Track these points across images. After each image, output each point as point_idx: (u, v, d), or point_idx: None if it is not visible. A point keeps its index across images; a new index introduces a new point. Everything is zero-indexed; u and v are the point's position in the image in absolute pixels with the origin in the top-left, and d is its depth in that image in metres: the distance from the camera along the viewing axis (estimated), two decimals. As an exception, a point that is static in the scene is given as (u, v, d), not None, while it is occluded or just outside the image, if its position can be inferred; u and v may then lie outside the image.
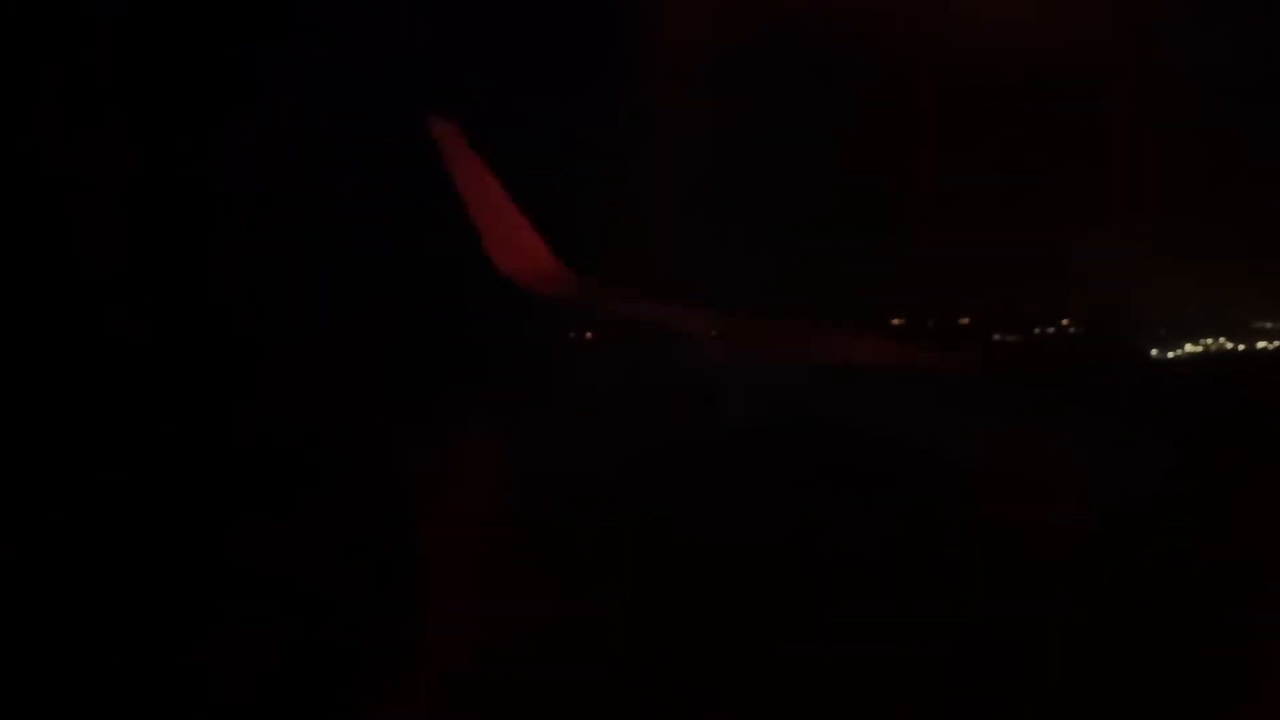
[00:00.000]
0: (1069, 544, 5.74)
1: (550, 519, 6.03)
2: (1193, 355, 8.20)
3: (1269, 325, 7.53)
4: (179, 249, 5.85)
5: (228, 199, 5.99)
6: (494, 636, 5.66)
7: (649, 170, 7.11)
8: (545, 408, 6.60)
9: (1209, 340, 8.06)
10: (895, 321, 7.76)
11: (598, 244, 7.11)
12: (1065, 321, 7.70)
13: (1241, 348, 8.08)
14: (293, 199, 6.32)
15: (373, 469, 6.11)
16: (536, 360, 7.13)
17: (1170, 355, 8.24)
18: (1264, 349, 8.02)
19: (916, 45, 7.37)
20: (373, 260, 6.88)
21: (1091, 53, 6.94)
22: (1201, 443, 6.36)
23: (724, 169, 7.24)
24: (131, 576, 5.48)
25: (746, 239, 7.60)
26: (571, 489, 6.18)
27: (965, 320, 7.76)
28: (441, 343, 7.03)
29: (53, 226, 5.57)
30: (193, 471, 5.72)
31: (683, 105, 7.08)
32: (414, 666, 5.57)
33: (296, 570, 5.72)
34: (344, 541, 5.92)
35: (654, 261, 7.16)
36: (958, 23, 7.16)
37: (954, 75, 7.30)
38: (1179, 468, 6.11)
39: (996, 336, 8.12)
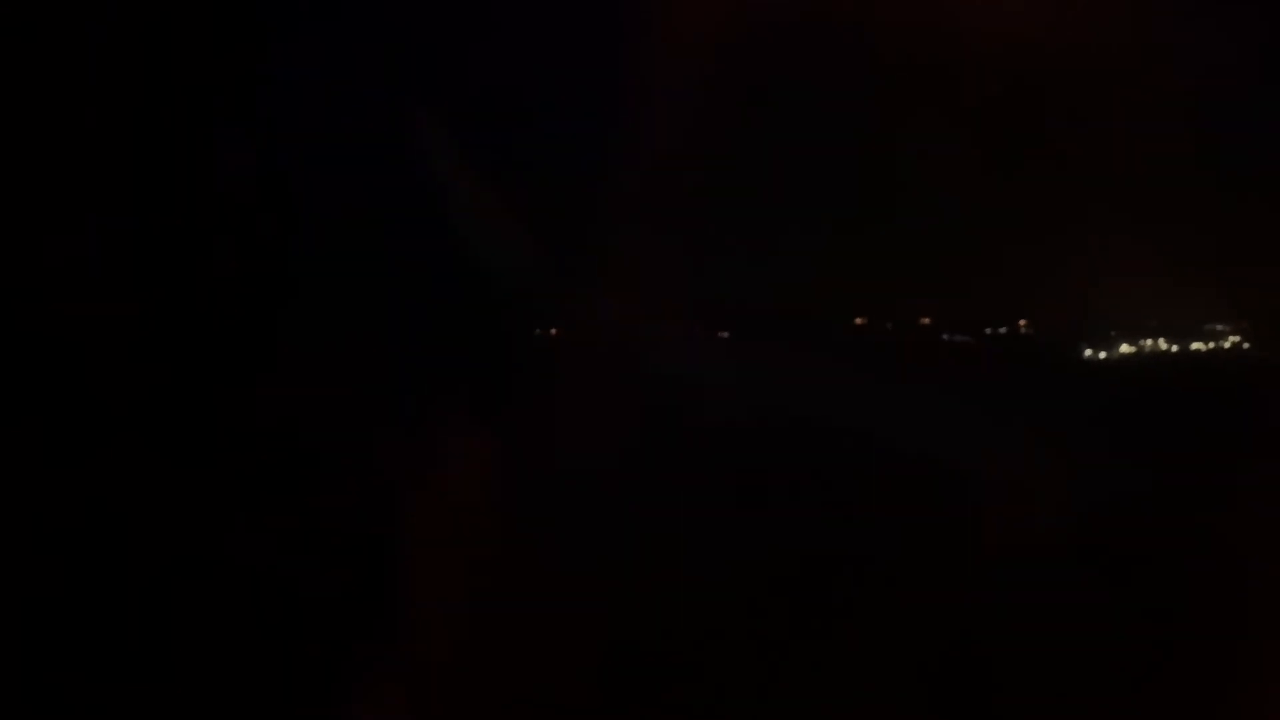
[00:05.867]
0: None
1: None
2: (1124, 356, 8.51)
3: (1218, 327, 7.86)
4: (174, 248, 5.73)
5: (224, 197, 5.88)
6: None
7: (621, 171, 7.14)
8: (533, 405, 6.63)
9: (1146, 341, 8.36)
10: (858, 321, 7.93)
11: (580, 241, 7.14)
12: (1022, 323, 7.94)
13: (1175, 349, 8.40)
14: (288, 197, 6.24)
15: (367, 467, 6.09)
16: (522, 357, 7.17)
17: (1102, 355, 8.54)
18: (1196, 350, 8.35)
19: (873, 48, 7.48)
20: (366, 260, 6.85)
21: (1048, 58, 7.12)
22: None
23: (690, 169, 7.30)
24: (129, 575, 5.37)
25: (711, 238, 7.67)
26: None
27: (926, 320, 7.97)
28: (431, 341, 7.02)
29: (50, 227, 5.43)
30: (190, 469, 5.62)
31: (657, 108, 7.12)
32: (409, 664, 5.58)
33: (295, 568, 5.67)
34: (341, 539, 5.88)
35: (623, 262, 7.20)
36: (917, 26, 7.30)
37: (913, 79, 7.44)
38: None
39: (946, 336, 8.34)
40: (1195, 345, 8.25)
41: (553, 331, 7.78)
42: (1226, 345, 8.09)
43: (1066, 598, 5.86)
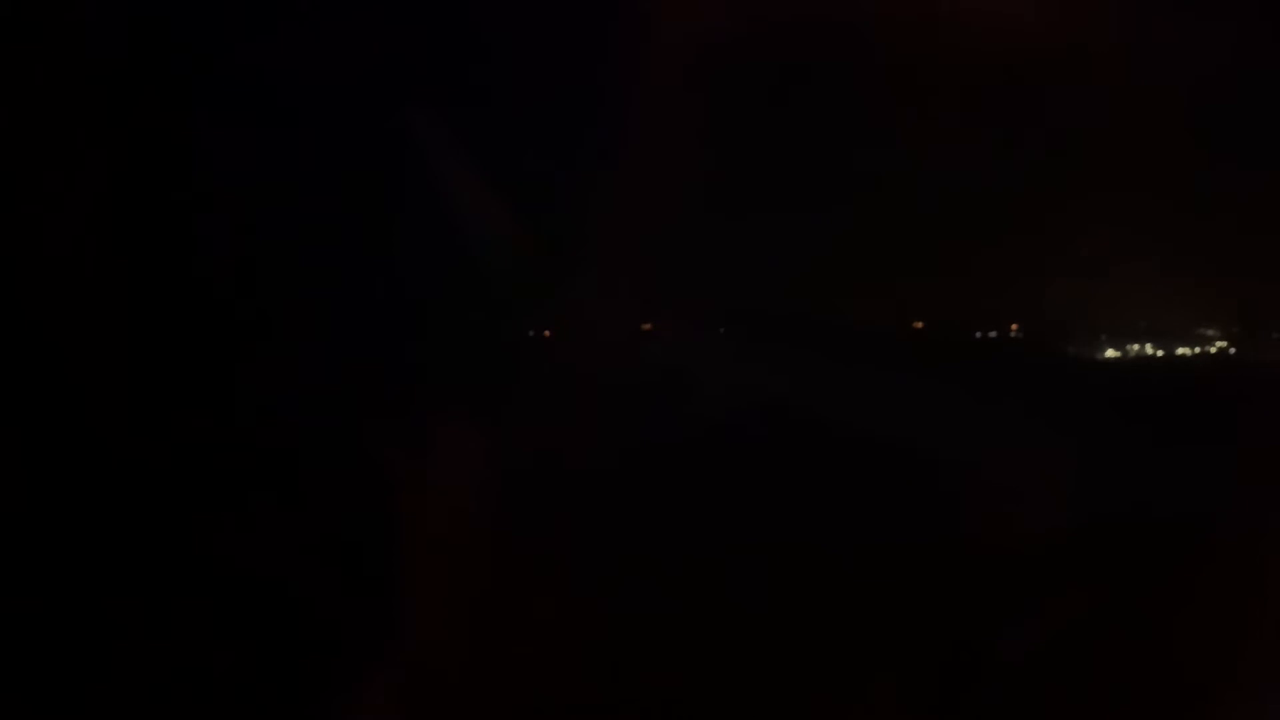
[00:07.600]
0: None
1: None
2: (1107, 360, 8.56)
3: (1208, 332, 7.92)
4: (165, 247, 5.72)
5: (218, 196, 5.87)
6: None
7: (626, 165, 7.14)
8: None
9: (1133, 346, 8.41)
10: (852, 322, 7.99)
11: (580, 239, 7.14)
12: (1014, 326, 7.98)
13: (1161, 354, 8.45)
14: (283, 195, 6.23)
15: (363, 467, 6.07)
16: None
17: (1087, 359, 8.59)
18: (1182, 355, 8.40)
19: (869, 53, 7.50)
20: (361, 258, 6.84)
21: (1042, 62, 7.14)
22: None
23: (686, 169, 7.31)
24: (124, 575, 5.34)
25: (708, 235, 7.68)
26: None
27: (919, 324, 8.01)
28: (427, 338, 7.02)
29: (41, 229, 5.41)
30: (181, 466, 5.60)
31: (659, 104, 7.12)
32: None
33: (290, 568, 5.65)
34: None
35: (617, 262, 7.21)
36: (905, 25, 7.31)
37: (909, 83, 7.46)
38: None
39: (938, 338, 8.38)
40: (1181, 350, 8.30)
41: (546, 333, 7.79)
42: (1213, 350, 8.15)
43: (1060, 597, 5.89)
